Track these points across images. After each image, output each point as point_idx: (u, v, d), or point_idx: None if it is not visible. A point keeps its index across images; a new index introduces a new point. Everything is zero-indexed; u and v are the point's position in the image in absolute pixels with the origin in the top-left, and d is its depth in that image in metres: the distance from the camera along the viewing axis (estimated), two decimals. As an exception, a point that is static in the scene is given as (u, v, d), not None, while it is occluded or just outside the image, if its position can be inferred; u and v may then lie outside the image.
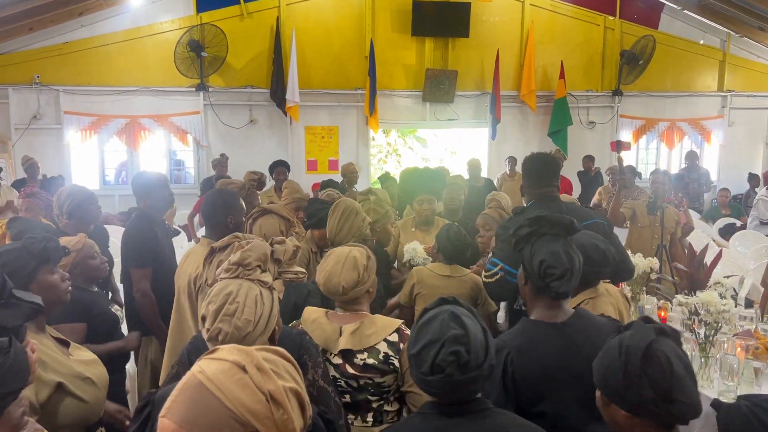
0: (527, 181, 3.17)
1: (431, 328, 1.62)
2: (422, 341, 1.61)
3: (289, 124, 9.91)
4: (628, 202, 5.72)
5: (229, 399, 0.94)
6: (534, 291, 2.10)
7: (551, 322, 2.06)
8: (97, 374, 2.16)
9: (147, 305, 3.50)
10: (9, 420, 1.28)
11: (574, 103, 10.65)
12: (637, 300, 3.98)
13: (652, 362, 1.48)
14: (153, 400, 1.57)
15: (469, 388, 1.59)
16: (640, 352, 1.49)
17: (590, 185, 9.44)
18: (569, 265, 2.03)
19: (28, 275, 2.09)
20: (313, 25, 9.84)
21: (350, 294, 2.20)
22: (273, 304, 1.63)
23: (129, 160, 9.78)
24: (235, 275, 1.64)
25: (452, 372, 1.55)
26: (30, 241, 2.14)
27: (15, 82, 9.01)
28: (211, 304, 1.59)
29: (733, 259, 6.15)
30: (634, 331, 1.57)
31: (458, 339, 1.57)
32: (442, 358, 1.56)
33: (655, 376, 1.47)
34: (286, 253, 1.75)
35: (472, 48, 10.29)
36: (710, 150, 11.65)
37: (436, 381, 1.56)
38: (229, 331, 1.54)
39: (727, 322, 3.08)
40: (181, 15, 9.44)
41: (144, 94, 9.41)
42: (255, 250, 1.67)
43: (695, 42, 11.08)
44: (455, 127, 11.04)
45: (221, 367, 0.97)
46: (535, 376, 1.98)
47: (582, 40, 10.76)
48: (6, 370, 1.26)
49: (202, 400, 0.94)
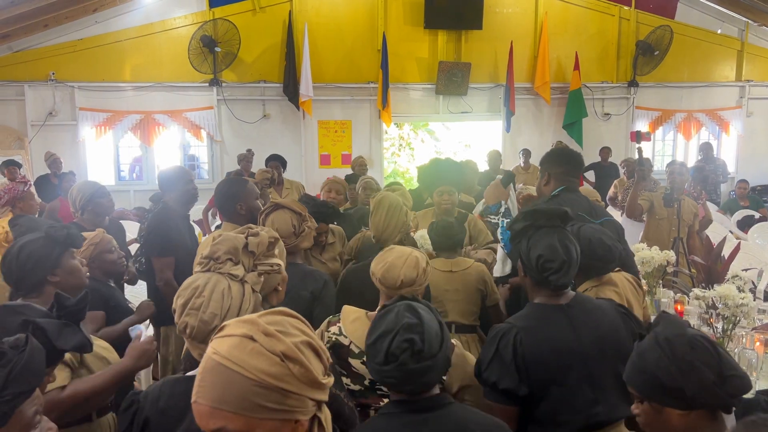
0: (559, 167, 3.19)
1: (386, 320, 1.65)
2: (377, 332, 1.64)
3: (302, 119, 9.91)
4: (645, 194, 5.65)
5: (247, 370, 1.00)
6: (533, 283, 2.12)
7: (555, 304, 2.08)
8: (113, 359, 2.26)
9: (171, 293, 3.49)
10: (21, 419, 1.27)
11: (589, 95, 10.54)
12: (654, 293, 3.94)
13: (697, 346, 1.46)
14: (138, 399, 1.56)
15: (424, 378, 1.59)
16: (684, 340, 1.47)
17: (605, 177, 9.37)
18: (566, 257, 2.03)
19: (54, 261, 2.19)
20: (325, 19, 9.81)
21: (404, 291, 2.18)
22: (243, 297, 1.63)
23: (143, 155, 9.85)
24: (206, 269, 1.64)
25: (406, 360, 1.57)
26: (52, 229, 2.24)
27: (31, 78, 9.09)
28: (179, 297, 1.61)
29: (751, 251, 6.07)
30: (664, 324, 1.54)
31: (412, 327, 1.60)
32: (396, 346, 1.58)
33: (706, 359, 1.45)
34: (260, 245, 1.74)
35: (485, 40, 10.21)
36: (728, 141, 11.48)
37: (391, 370, 1.58)
38: (195, 325, 1.55)
39: (745, 315, 3.03)
40: (194, 10, 9.47)
41: (158, 89, 9.45)
42: (225, 243, 1.67)
43: (713, 31, 10.91)
44: (469, 120, 10.98)
45: (232, 342, 1.03)
46: (545, 356, 1.99)
47: (596, 31, 10.64)
48: (21, 369, 1.25)
49: (224, 378, 1.00)
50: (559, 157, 3.24)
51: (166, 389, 1.56)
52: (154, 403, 1.53)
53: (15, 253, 2.14)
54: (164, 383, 1.59)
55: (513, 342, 1.99)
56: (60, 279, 2.17)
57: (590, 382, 2.01)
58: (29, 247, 2.17)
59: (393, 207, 3.09)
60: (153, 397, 1.54)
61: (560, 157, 3.24)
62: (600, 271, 2.60)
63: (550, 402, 2.00)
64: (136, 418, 1.53)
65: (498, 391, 1.97)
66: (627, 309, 2.23)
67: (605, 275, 2.62)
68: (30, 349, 1.28)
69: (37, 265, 2.10)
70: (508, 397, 1.97)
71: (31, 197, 4.85)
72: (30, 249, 2.15)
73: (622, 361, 2.01)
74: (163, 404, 1.52)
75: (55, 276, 2.16)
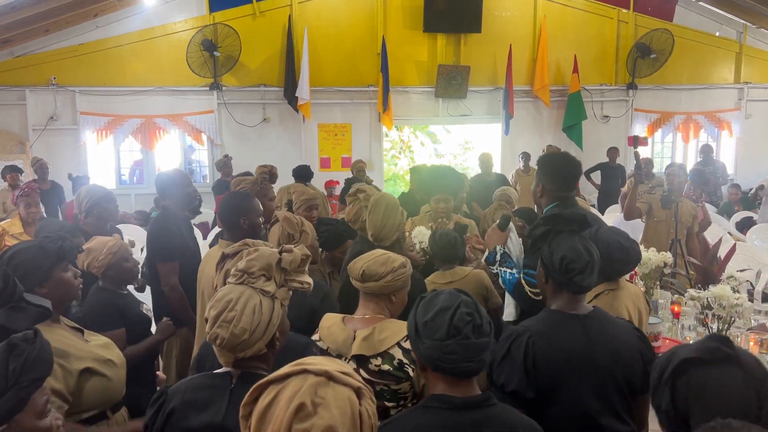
0: (552, 184, 2.95)
1: (440, 299, 1.67)
2: (434, 308, 1.64)
3: (302, 122, 9.94)
4: (644, 197, 5.70)
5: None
6: (556, 287, 2.12)
7: (572, 313, 2.09)
8: (116, 355, 2.30)
9: (176, 298, 3.56)
10: (34, 406, 1.40)
11: (588, 98, 10.57)
12: (651, 295, 3.96)
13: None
14: (166, 392, 1.70)
15: (483, 355, 1.61)
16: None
17: (612, 178, 9.40)
18: (589, 258, 2.06)
19: (44, 273, 2.15)
20: (325, 23, 9.86)
21: (368, 285, 2.22)
22: (273, 313, 1.69)
23: (144, 159, 9.88)
24: (240, 282, 1.70)
25: (469, 333, 1.59)
26: (46, 240, 2.21)
27: (32, 83, 9.13)
28: (212, 309, 1.67)
29: (750, 252, 6.10)
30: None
31: (469, 305, 1.64)
32: (458, 318, 1.60)
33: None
34: (293, 262, 1.80)
35: (484, 43, 10.25)
36: (727, 143, 11.51)
37: (454, 344, 1.58)
38: (226, 337, 1.62)
39: (740, 316, 3.06)
40: (194, 15, 9.50)
41: (158, 94, 9.49)
42: (260, 259, 1.73)
43: (711, 34, 10.95)
44: (468, 123, 11.01)
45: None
46: (556, 361, 2.00)
47: (595, 34, 10.68)
48: (34, 358, 1.39)
49: None
50: (551, 175, 2.99)
51: (191, 384, 1.71)
52: (180, 395, 1.68)
53: (6, 260, 2.10)
54: (191, 379, 1.75)
55: (525, 345, 2.01)
56: (48, 291, 2.11)
57: (597, 394, 2.02)
58: (20, 256, 2.12)
59: (390, 207, 3.12)
60: (179, 389, 1.70)
61: (553, 174, 2.99)
62: (617, 274, 2.64)
63: (556, 409, 2.01)
64: (163, 408, 1.68)
65: (505, 393, 1.99)
66: (642, 333, 2.24)
67: (621, 280, 2.64)
68: (40, 341, 1.43)
69: (25, 276, 2.02)
70: (515, 399, 1.97)
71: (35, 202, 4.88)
72: (21, 258, 2.11)
73: (629, 379, 2.04)
74: (188, 396, 1.67)
75: (43, 288, 2.12)
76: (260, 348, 1.66)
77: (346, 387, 1.18)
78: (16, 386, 1.36)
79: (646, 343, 2.18)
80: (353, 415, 1.16)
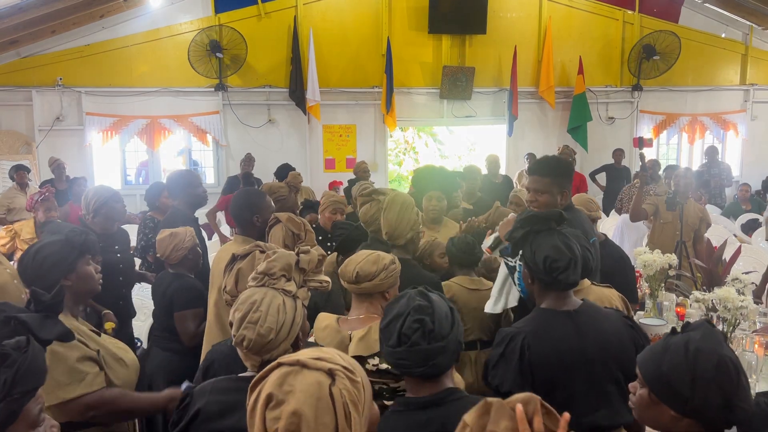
0: (569, 188, 3.01)
1: (398, 304, 1.71)
2: (389, 316, 1.69)
3: (307, 123, 9.96)
4: (651, 198, 5.70)
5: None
6: (543, 287, 2.13)
7: (562, 310, 2.10)
8: (129, 358, 2.33)
9: None
10: (28, 417, 1.37)
11: (593, 99, 10.55)
12: (656, 296, 3.96)
13: (722, 368, 1.43)
14: (192, 393, 1.74)
15: (436, 360, 1.62)
16: (714, 359, 1.44)
17: (617, 180, 9.39)
18: (571, 254, 2.06)
19: (69, 264, 2.22)
20: (330, 25, 9.87)
21: (363, 286, 2.25)
22: (296, 312, 1.71)
23: (149, 160, 9.91)
24: (261, 284, 1.73)
25: (417, 340, 1.61)
26: (72, 234, 2.28)
27: (38, 84, 9.17)
28: (237, 311, 1.69)
29: (755, 254, 6.08)
30: (702, 333, 1.49)
31: (422, 309, 1.65)
32: (407, 326, 1.63)
33: (725, 383, 1.43)
34: (311, 262, 1.83)
35: (489, 44, 10.24)
36: (733, 144, 11.47)
37: (403, 351, 1.62)
38: (253, 338, 1.64)
39: (745, 318, 3.05)
40: (199, 16, 9.53)
41: (164, 94, 9.52)
42: (280, 260, 1.75)
43: (717, 35, 10.91)
44: (473, 124, 11.00)
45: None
46: (551, 361, 2.02)
47: (600, 35, 10.66)
48: (25, 369, 1.34)
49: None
50: (565, 167, 3.01)
51: (217, 386, 1.73)
52: (205, 396, 1.70)
53: (32, 254, 2.18)
54: (217, 381, 1.77)
55: (520, 346, 2.02)
56: (72, 283, 2.20)
57: (593, 388, 2.03)
58: (47, 249, 2.20)
59: (405, 205, 3.07)
60: (205, 391, 1.72)
61: (565, 166, 3.01)
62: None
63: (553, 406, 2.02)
64: (189, 409, 1.70)
65: (501, 394, 2.00)
66: (633, 320, 2.25)
67: (584, 282, 2.54)
68: (32, 350, 1.38)
69: (52, 268, 2.14)
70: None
71: (54, 206, 4.96)
72: (47, 251, 2.19)
73: (623, 369, 2.05)
74: (213, 398, 1.69)
75: (68, 280, 2.19)
76: (286, 348, 1.67)
77: (317, 371, 1.20)
78: (8, 399, 1.31)
79: (637, 329, 2.18)
80: (321, 396, 1.17)
